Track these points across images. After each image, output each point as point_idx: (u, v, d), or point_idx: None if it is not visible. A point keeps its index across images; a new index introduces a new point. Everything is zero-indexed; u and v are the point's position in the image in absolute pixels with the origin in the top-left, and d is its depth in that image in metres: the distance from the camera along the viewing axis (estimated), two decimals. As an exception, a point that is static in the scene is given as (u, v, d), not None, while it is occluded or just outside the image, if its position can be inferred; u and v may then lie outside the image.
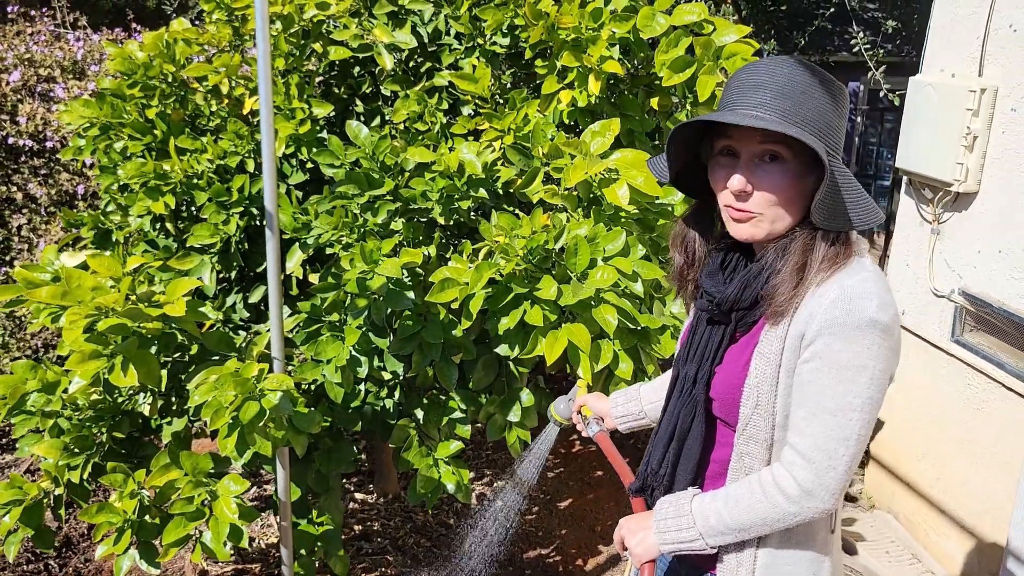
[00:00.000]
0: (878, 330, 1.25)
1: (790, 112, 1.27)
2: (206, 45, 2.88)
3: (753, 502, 1.35)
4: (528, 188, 2.37)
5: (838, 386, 1.26)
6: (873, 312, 1.25)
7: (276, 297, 2.11)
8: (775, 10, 6.88)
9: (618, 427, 1.85)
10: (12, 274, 2.02)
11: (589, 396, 1.91)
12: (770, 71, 1.30)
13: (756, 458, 1.39)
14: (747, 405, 1.36)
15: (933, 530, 3.37)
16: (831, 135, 1.30)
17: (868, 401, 1.27)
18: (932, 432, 3.37)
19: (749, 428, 1.37)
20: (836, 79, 1.32)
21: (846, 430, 1.27)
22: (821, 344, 1.27)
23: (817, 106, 1.28)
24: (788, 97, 1.28)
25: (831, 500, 1.30)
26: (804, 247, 1.33)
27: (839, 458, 1.28)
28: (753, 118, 1.27)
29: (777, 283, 1.33)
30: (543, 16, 2.53)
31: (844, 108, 1.32)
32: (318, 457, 2.48)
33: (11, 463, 3.73)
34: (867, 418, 1.27)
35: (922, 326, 3.39)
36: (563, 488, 3.90)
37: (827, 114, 1.29)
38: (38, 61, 5.00)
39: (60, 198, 4.72)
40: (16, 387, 2.17)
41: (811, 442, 1.29)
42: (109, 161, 2.67)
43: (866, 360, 1.25)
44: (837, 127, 1.31)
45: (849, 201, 1.30)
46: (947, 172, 3.07)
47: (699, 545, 1.40)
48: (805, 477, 1.30)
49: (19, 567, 3.06)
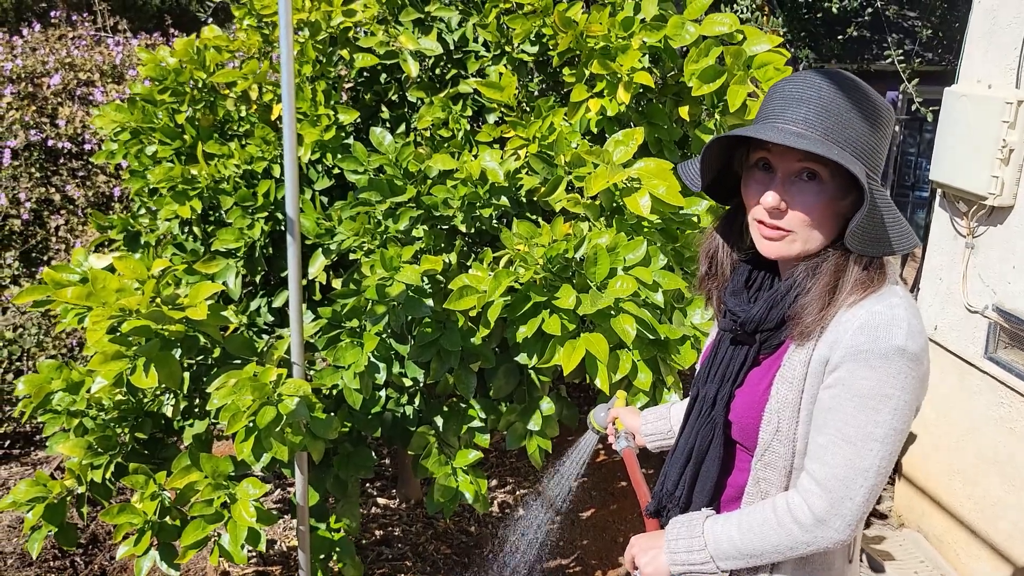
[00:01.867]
0: (905, 359, 1.20)
1: (832, 131, 1.23)
2: (237, 51, 2.92)
3: (766, 528, 1.31)
4: (551, 197, 2.36)
5: (860, 415, 1.22)
6: (901, 340, 1.20)
7: (296, 302, 2.12)
8: (811, 18, 6.80)
9: (647, 445, 1.82)
10: (41, 274, 2.05)
11: (624, 409, 1.87)
12: (816, 85, 1.25)
13: (773, 484, 1.35)
14: (767, 431, 1.32)
15: (964, 551, 3.30)
16: (872, 157, 1.25)
17: (891, 432, 1.22)
18: (964, 450, 3.29)
19: (768, 454, 1.34)
20: (882, 97, 1.28)
21: (866, 461, 1.23)
22: (845, 371, 1.22)
23: (861, 126, 1.23)
24: (832, 115, 1.23)
25: (847, 531, 1.26)
26: (836, 268, 1.28)
27: (857, 489, 1.24)
28: (795, 136, 1.22)
29: (805, 303, 1.29)
30: (572, 24, 2.52)
31: (888, 129, 1.28)
32: (337, 462, 2.48)
33: (42, 460, 3.80)
34: (889, 450, 1.23)
35: (955, 342, 3.32)
36: (586, 498, 3.87)
37: (869, 135, 1.24)
38: (78, 65, 5.10)
39: (97, 200, 4.81)
40: (41, 386, 2.21)
41: (829, 471, 1.25)
42: (139, 165, 2.71)
43: (890, 390, 1.21)
44: (878, 149, 1.27)
45: (887, 226, 1.26)
46: (982, 185, 3.01)
47: (710, 568, 1.37)
48: (820, 506, 1.26)
49: (45, 563, 3.11)
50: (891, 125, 1.28)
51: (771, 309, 1.34)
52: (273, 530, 3.42)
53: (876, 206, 1.23)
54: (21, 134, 4.64)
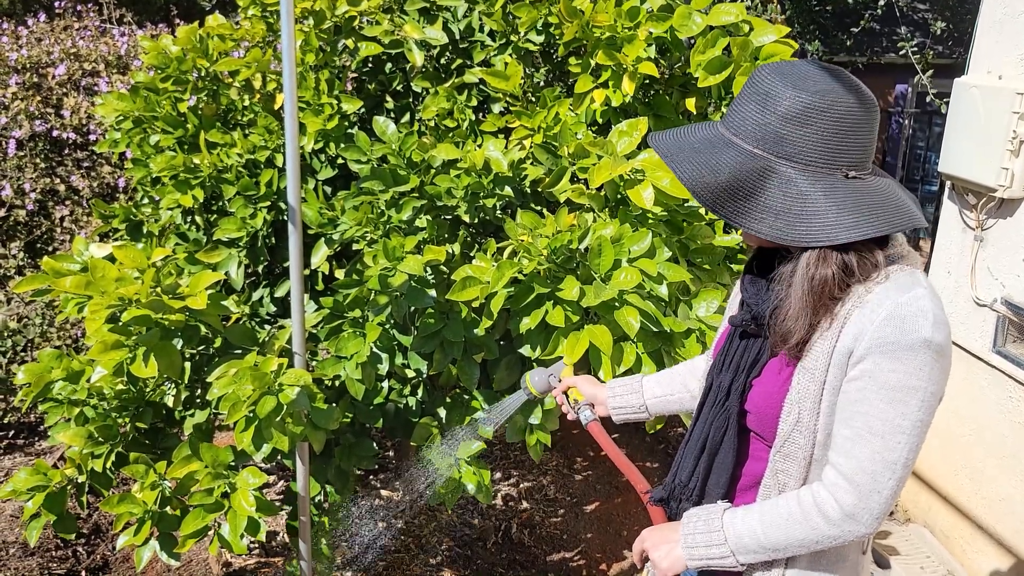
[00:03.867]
0: (932, 350, 1.19)
1: (735, 125, 1.25)
2: (241, 40, 2.90)
3: (792, 523, 1.30)
4: (555, 187, 2.34)
5: (887, 407, 1.21)
6: (928, 332, 1.18)
7: (298, 292, 2.10)
8: (820, 10, 6.75)
9: (612, 417, 1.79)
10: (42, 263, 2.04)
11: (579, 378, 1.84)
12: (749, 81, 1.27)
13: (792, 476, 1.33)
14: (787, 421, 1.31)
15: (970, 546, 3.27)
16: (779, 144, 1.21)
17: (917, 424, 1.21)
18: (971, 445, 3.27)
19: (787, 445, 1.32)
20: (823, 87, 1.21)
21: (894, 453, 1.22)
22: (871, 363, 1.21)
23: (761, 116, 1.22)
24: (740, 109, 1.25)
25: (873, 524, 1.25)
26: (808, 266, 1.24)
27: (885, 482, 1.23)
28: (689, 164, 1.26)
29: (790, 326, 1.26)
30: (578, 14, 2.50)
31: (812, 117, 1.19)
32: (339, 453, 2.47)
33: (46, 450, 3.80)
34: (915, 442, 1.22)
35: (963, 336, 3.29)
36: (590, 491, 3.86)
37: (775, 124, 1.20)
38: (83, 56, 5.09)
39: (101, 190, 4.81)
40: (41, 375, 2.20)
41: (856, 464, 1.24)
42: (142, 154, 2.70)
43: (917, 381, 1.19)
44: (787, 136, 1.20)
45: (843, 209, 1.20)
46: (991, 177, 2.98)
47: (730, 562, 1.35)
48: (848, 501, 1.25)
49: (48, 552, 3.11)
50: (813, 112, 1.19)
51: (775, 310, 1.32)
52: (276, 521, 3.42)
53: (800, 190, 1.20)
54: (26, 124, 4.64)
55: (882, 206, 1.22)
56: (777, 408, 1.32)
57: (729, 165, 1.23)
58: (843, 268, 1.23)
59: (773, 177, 1.22)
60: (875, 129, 1.25)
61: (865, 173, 1.24)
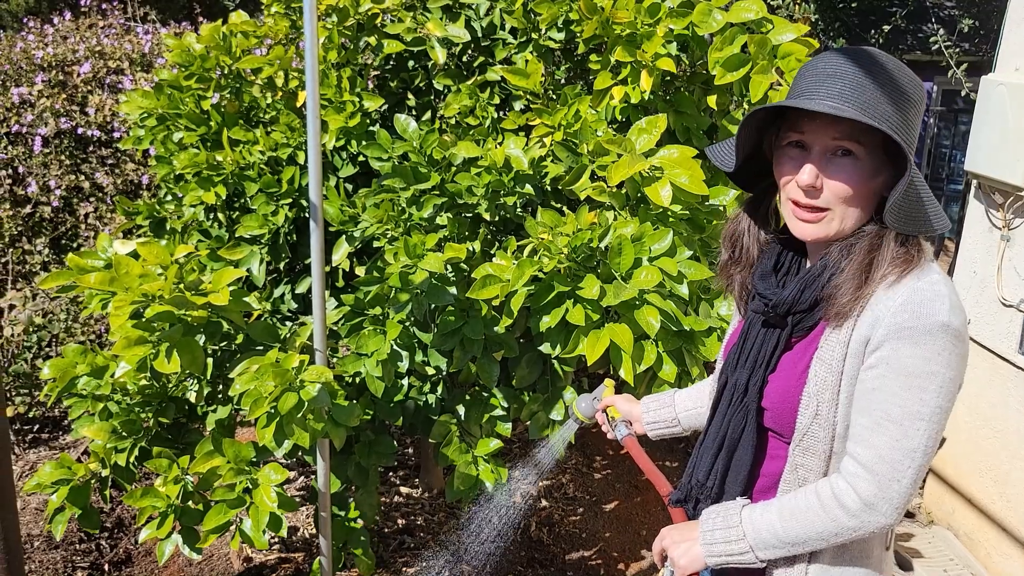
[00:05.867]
0: (950, 335, 1.18)
1: (867, 105, 1.20)
2: (264, 37, 2.91)
3: (810, 515, 1.28)
4: (575, 185, 2.34)
5: (905, 394, 1.19)
6: (945, 316, 1.18)
7: (319, 289, 2.11)
8: (845, 7, 6.68)
9: (647, 433, 1.78)
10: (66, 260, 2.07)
11: (617, 397, 1.84)
12: (847, 62, 1.23)
13: (812, 470, 1.32)
14: (805, 415, 1.30)
15: (995, 550, 3.23)
16: (908, 132, 1.23)
17: (936, 410, 1.20)
18: (996, 447, 3.23)
19: (807, 439, 1.31)
20: (912, 72, 1.25)
21: (913, 441, 1.20)
22: (888, 349, 1.20)
23: (893, 102, 1.21)
24: (865, 90, 1.21)
25: (894, 514, 1.24)
26: (871, 247, 1.26)
27: (904, 470, 1.21)
28: (834, 108, 1.20)
29: (840, 282, 1.26)
30: (598, 11, 2.49)
31: (920, 106, 1.25)
32: (359, 449, 2.48)
33: (70, 444, 3.84)
34: (935, 428, 1.20)
35: (988, 336, 3.25)
36: (610, 490, 3.85)
37: (905, 110, 1.22)
38: (108, 54, 5.14)
39: (125, 187, 4.85)
40: (66, 370, 2.22)
41: (875, 453, 1.22)
42: (165, 151, 2.72)
43: (936, 367, 1.18)
44: (912, 125, 1.24)
45: (923, 203, 1.24)
46: (1019, 176, 2.94)
47: (749, 559, 1.33)
48: (868, 490, 1.23)
49: (71, 546, 3.14)
50: (922, 102, 1.26)
51: (803, 291, 1.32)
52: (296, 517, 3.44)
53: (913, 182, 1.21)
54: (51, 122, 4.69)
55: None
56: (795, 402, 1.31)
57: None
58: (914, 247, 1.27)
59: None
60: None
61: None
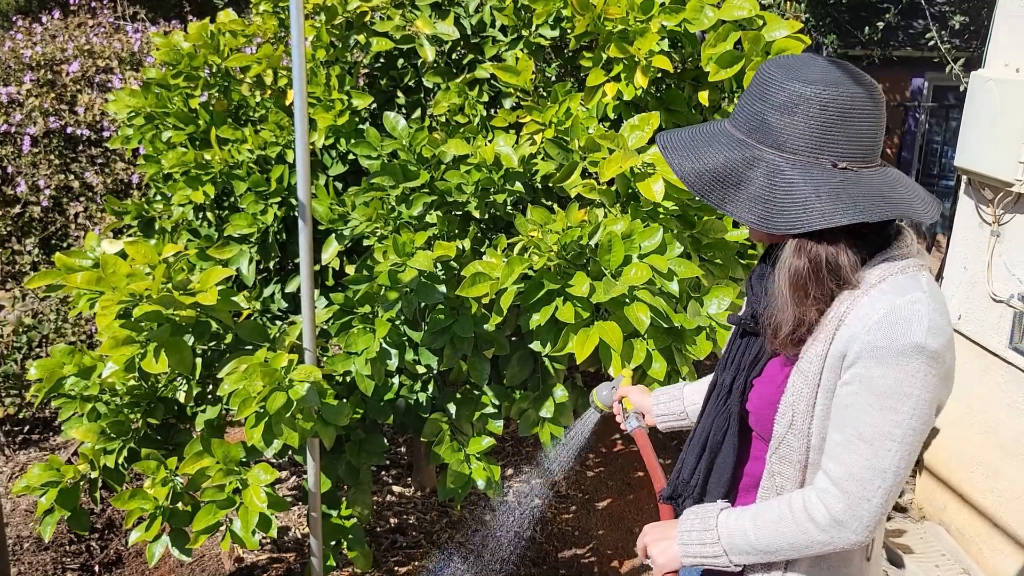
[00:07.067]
0: (924, 357, 1.15)
1: (736, 118, 1.25)
2: (252, 36, 2.90)
3: (782, 527, 1.28)
4: (565, 182, 2.33)
5: (877, 414, 1.18)
6: (920, 338, 1.15)
7: (308, 288, 2.10)
8: (836, 4, 6.69)
9: (657, 426, 1.78)
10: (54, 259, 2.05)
11: (632, 388, 1.83)
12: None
13: (788, 478, 1.32)
14: (781, 423, 1.29)
15: (986, 545, 3.24)
16: (767, 132, 1.20)
17: (909, 432, 1.18)
18: (986, 442, 3.23)
19: (782, 448, 1.30)
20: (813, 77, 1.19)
21: (884, 461, 1.19)
22: (862, 367, 1.18)
23: (757, 106, 1.22)
24: (744, 104, 1.25)
25: (864, 532, 1.23)
26: (784, 262, 1.23)
27: (875, 490, 1.20)
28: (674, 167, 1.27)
29: (774, 313, 1.25)
30: (590, 7, 2.48)
31: (799, 106, 1.18)
32: (349, 448, 2.47)
33: (60, 446, 3.82)
34: (907, 450, 1.19)
35: (979, 332, 3.26)
36: (602, 488, 3.85)
37: (765, 112, 1.20)
38: (97, 52, 5.11)
39: (115, 187, 4.83)
40: (53, 371, 2.21)
41: (846, 471, 1.21)
42: (154, 150, 2.70)
43: (910, 388, 1.16)
44: (774, 124, 1.20)
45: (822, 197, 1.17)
46: (1008, 171, 2.94)
47: (723, 562, 1.34)
48: (837, 507, 1.22)
49: (61, 547, 3.13)
50: (800, 100, 1.18)
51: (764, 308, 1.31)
52: (287, 517, 3.43)
53: (782, 171, 1.19)
54: (40, 121, 4.66)
55: (870, 198, 1.18)
56: (773, 409, 1.31)
57: (718, 152, 1.23)
58: (813, 261, 1.21)
59: (760, 165, 1.21)
60: (872, 122, 1.20)
61: (860, 165, 1.20)
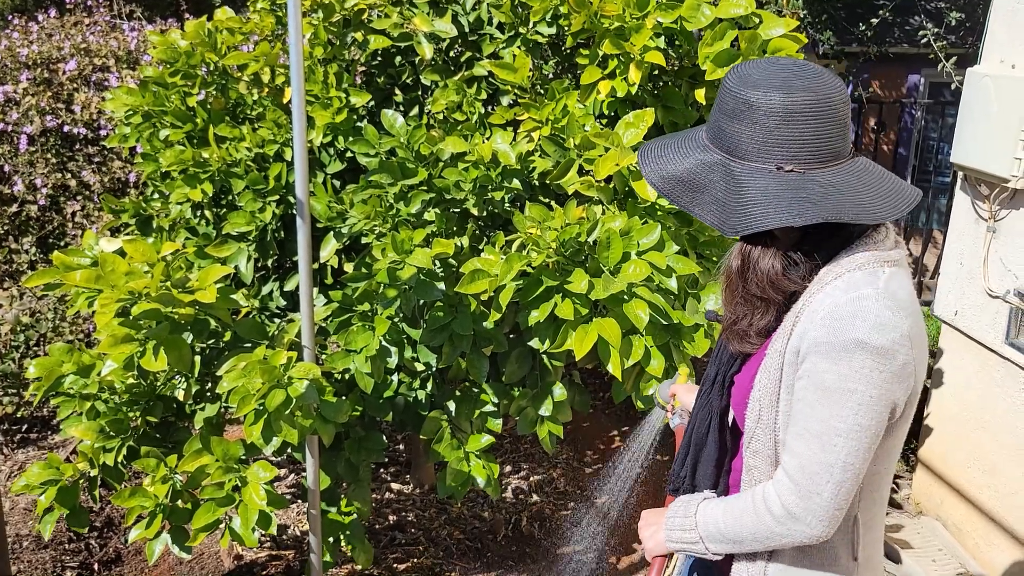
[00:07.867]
0: (867, 352, 1.16)
1: (708, 128, 1.29)
2: (250, 34, 2.90)
3: (745, 518, 1.32)
4: (563, 180, 2.34)
5: (823, 409, 1.20)
6: (862, 334, 1.16)
7: (307, 286, 2.11)
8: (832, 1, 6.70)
9: None
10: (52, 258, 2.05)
11: (682, 386, 1.84)
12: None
13: (763, 472, 1.34)
14: (751, 418, 1.33)
15: (983, 539, 3.25)
16: (724, 139, 1.24)
17: (855, 428, 1.19)
18: (983, 437, 3.24)
19: (754, 442, 1.34)
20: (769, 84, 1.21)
21: (830, 456, 1.20)
22: (810, 363, 1.21)
23: (716, 113, 1.26)
24: (711, 115, 1.29)
25: (819, 527, 1.24)
26: (725, 264, 1.32)
27: (823, 484, 1.21)
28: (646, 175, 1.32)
29: (725, 308, 1.33)
30: (587, 4, 2.48)
31: (750, 114, 1.21)
32: (348, 446, 2.48)
33: (59, 444, 3.82)
34: (854, 446, 1.20)
35: (975, 327, 3.27)
36: (602, 485, 3.86)
37: (720, 119, 1.25)
38: (94, 51, 5.10)
39: (113, 185, 4.82)
40: (52, 369, 2.21)
41: (797, 463, 1.24)
42: (151, 149, 2.70)
43: (854, 384, 1.17)
44: (728, 131, 1.23)
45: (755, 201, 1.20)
46: (1004, 168, 2.95)
47: (700, 549, 1.39)
48: (790, 500, 1.25)
49: (60, 545, 3.13)
50: (744, 107, 1.21)
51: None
52: (287, 515, 3.43)
53: (731, 171, 1.23)
54: (37, 120, 4.65)
55: (812, 200, 1.19)
56: (743, 405, 1.35)
57: (685, 158, 1.29)
58: (745, 263, 1.29)
59: (719, 170, 1.25)
60: (820, 124, 1.20)
61: (811, 167, 1.21)
